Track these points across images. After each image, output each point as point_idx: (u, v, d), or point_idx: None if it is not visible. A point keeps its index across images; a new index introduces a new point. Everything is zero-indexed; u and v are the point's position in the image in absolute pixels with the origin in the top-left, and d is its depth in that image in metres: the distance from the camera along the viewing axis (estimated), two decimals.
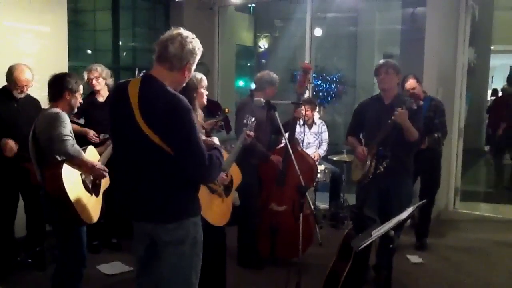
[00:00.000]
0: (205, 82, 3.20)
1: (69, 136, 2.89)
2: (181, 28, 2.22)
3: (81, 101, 3.20)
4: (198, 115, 3.12)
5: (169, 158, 2.08)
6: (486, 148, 12.29)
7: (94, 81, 4.38)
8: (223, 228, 3.34)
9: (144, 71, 3.18)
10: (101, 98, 4.47)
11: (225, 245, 3.47)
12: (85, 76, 4.38)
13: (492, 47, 12.11)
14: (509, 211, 6.47)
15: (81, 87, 3.14)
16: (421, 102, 3.67)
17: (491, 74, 13.25)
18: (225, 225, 3.29)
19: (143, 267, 2.36)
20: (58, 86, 3.04)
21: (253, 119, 3.45)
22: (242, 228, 4.28)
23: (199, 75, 3.16)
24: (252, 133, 3.45)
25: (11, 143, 3.71)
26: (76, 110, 3.21)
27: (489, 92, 12.94)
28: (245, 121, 3.44)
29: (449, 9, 5.75)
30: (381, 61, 3.78)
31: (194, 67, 2.27)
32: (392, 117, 3.45)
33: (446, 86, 5.73)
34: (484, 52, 11.39)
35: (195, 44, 2.21)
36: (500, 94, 12.02)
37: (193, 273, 2.27)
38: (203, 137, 2.46)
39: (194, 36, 2.22)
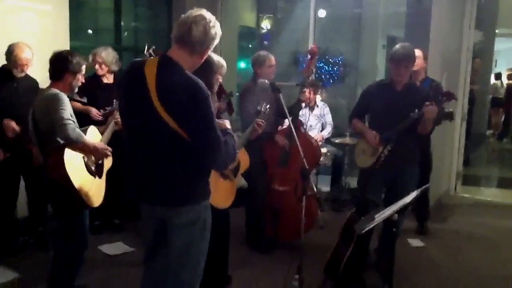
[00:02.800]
0: (224, 69, 3.19)
1: (70, 120, 2.84)
2: (203, 10, 2.14)
3: (83, 81, 3.14)
4: (214, 98, 3.11)
5: (184, 142, 2.05)
6: (488, 132, 12.29)
7: (96, 66, 4.38)
8: (227, 211, 3.35)
9: (154, 47, 3.14)
10: (105, 80, 4.46)
11: (228, 227, 3.49)
12: (90, 58, 4.36)
13: (497, 31, 11.98)
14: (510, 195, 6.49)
15: (83, 67, 3.08)
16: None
17: (495, 57, 13.13)
18: (231, 207, 3.30)
19: (151, 250, 2.37)
20: (59, 65, 2.99)
21: (268, 106, 3.43)
22: (249, 210, 4.31)
23: (222, 62, 3.16)
24: (263, 122, 3.44)
25: (13, 124, 3.69)
26: (76, 90, 3.16)
27: (492, 76, 12.85)
28: (259, 107, 3.44)
29: None
30: (400, 49, 3.56)
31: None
32: (424, 112, 3.39)
33: (450, 70, 5.68)
34: (489, 36, 11.28)
35: (217, 29, 2.15)
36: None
37: (201, 256, 2.28)
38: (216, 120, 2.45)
39: (215, 19, 2.16)
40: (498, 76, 12.82)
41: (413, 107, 3.44)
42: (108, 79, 4.48)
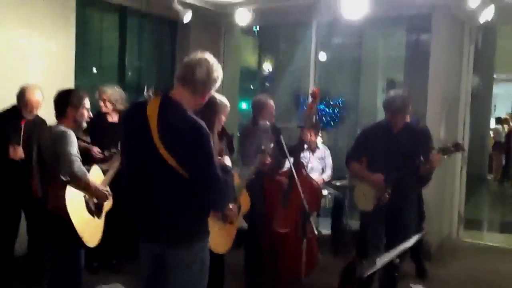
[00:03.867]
0: (228, 109, 3.21)
1: (77, 156, 2.85)
2: (207, 53, 2.22)
3: (91, 115, 3.16)
4: (214, 137, 3.12)
5: (184, 181, 2.07)
6: (489, 176, 12.28)
7: (101, 103, 4.41)
8: (222, 255, 3.30)
9: (153, 88, 3.18)
10: (109, 118, 4.48)
11: (222, 269, 3.43)
12: (96, 95, 4.41)
13: (494, 76, 12.18)
14: None
15: (86, 100, 3.10)
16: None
17: (494, 102, 13.28)
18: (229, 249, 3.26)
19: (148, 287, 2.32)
20: (60, 102, 3.04)
21: (271, 145, 3.44)
22: (248, 251, 4.25)
23: (226, 102, 3.18)
24: (269, 160, 3.46)
25: (20, 150, 3.75)
26: (84, 125, 3.16)
27: (493, 120, 12.96)
28: (263, 147, 3.46)
29: (453, 36, 5.80)
30: (396, 99, 3.59)
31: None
32: (430, 163, 3.42)
33: (449, 113, 5.73)
34: (487, 80, 11.45)
35: (219, 73, 2.22)
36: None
37: None
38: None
39: (218, 63, 2.23)
40: (499, 121, 12.93)
41: (413, 147, 3.47)
42: (113, 118, 4.50)
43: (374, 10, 5.08)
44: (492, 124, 12.93)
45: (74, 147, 2.87)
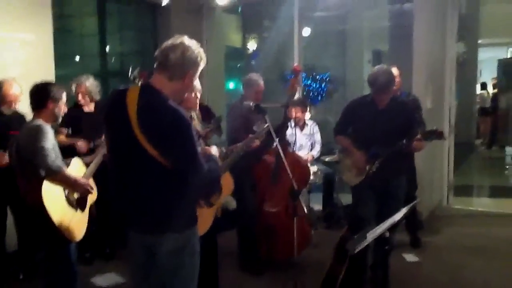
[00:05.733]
0: (196, 87, 3.11)
1: (51, 150, 2.82)
2: (185, 36, 2.15)
3: (66, 110, 3.13)
4: (195, 120, 3.09)
5: (168, 171, 2.04)
6: (478, 141, 12.39)
7: (80, 96, 4.35)
8: (214, 235, 3.31)
9: (138, 69, 3.12)
10: (86, 109, 4.44)
11: (216, 252, 3.44)
12: (73, 88, 4.34)
13: (479, 41, 12.17)
14: (503, 205, 6.50)
15: (64, 95, 3.07)
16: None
17: (479, 67, 13.31)
18: (222, 230, 3.26)
19: (140, 278, 2.32)
20: (40, 95, 2.98)
21: (266, 125, 3.42)
22: (241, 232, 4.27)
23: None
24: (258, 143, 3.44)
25: (5, 156, 3.65)
26: (60, 119, 3.14)
27: (478, 86, 13.01)
28: (254, 127, 3.43)
29: (436, 4, 5.76)
30: (380, 76, 3.50)
31: (196, 77, 2.21)
32: (412, 149, 3.48)
33: (435, 81, 5.74)
34: (472, 46, 11.45)
35: (198, 53, 2.14)
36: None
37: (192, 283, 2.26)
38: (202, 146, 2.43)
39: (198, 45, 2.16)
40: (484, 86, 12.99)
41: (398, 123, 3.46)
42: (90, 107, 4.46)
43: None
44: (478, 90, 12.99)
45: (48, 142, 2.83)
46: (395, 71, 4.28)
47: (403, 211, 2.66)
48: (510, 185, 8.44)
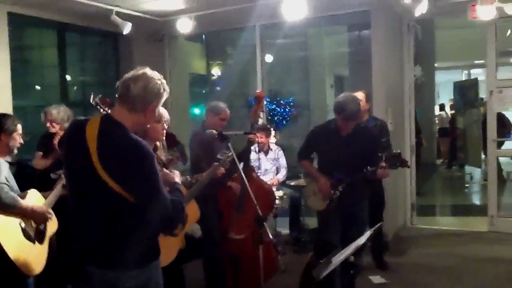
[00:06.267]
0: (165, 119, 3.06)
1: (3, 183, 2.73)
2: (147, 68, 2.10)
3: (22, 141, 3.06)
4: (160, 149, 3.06)
5: (129, 204, 1.98)
6: (438, 161, 12.72)
7: (48, 124, 4.27)
8: (180, 267, 3.25)
9: (100, 96, 3.07)
10: (57, 139, 4.33)
11: (182, 283, 3.38)
12: (42, 117, 4.26)
13: (436, 64, 12.63)
14: (465, 223, 6.66)
15: (19, 126, 3.02)
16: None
17: (437, 90, 13.79)
18: (188, 260, 3.20)
19: None
20: None
21: (230, 153, 3.41)
22: (207, 262, 4.19)
23: (162, 111, 2.99)
24: (223, 170, 3.42)
25: None
26: (16, 151, 3.06)
27: (437, 107, 13.44)
28: (219, 156, 3.41)
29: (392, 30, 5.98)
30: (349, 104, 3.48)
31: (158, 109, 2.17)
32: (377, 176, 3.51)
33: (395, 105, 5.90)
34: (430, 70, 11.86)
35: (161, 85, 2.09)
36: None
37: None
38: (164, 170, 2.39)
39: (161, 77, 2.12)
40: (442, 107, 13.43)
41: (360, 150, 3.52)
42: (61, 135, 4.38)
43: (314, 10, 5.15)
44: (437, 111, 13.41)
45: (1, 175, 2.75)
46: (361, 95, 4.40)
47: (368, 234, 2.68)
48: (471, 203, 8.67)
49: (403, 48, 6.30)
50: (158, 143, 3.20)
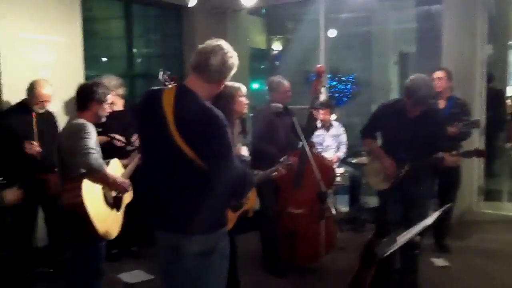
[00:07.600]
0: (243, 90, 3.17)
1: (94, 148, 2.78)
2: (221, 40, 2.18)
3: (110, 110, 3.13)
4: (235, 126, 3.12)
5: (201, 171, 2.04)
6: (508, 145, 12.08)
7: None
8: (233, 237, 3.30)
9: (169, 72, 3.13)
10: (115, 107, 4.47)
11: (234, 252, 3.42)
12: None
13: (509, 43, 11.88)
14: None
15: (108, 96, 3.06)
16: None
17: (509, 70, 13.00)
18: (247, 231, 3.25)
19: (166, 279, 2.30)
20: (84, 96, 2.99)
21: (290, 161, 3.47)
22: (262, 233, 4.24)
23: (237, 84, 3.14)
24: (284, 171, 3.43)
25: (35, 144, 3.76)
26: (104, 119, 3.10)
27: (509, 88, 12.69)
28: (281, 159, 3.44)
29: (465, 6, 5.64)
30: (422, 88, 3.34)
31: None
32: (445, 163, 3.43)
33: (465, 84, 5.61)
34: (503, 48, 11.19)
35: (234, 60, 2.19)
36: None
37: (220, 285, 2.24)
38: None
39: (232, 50, 2.19)
40: None
41: (427, 135, 3.40)
42: (118, 105, 4.52)
43: None
44: (509, 92, 12.66)
45: (91, 140, 2.80)
46: (441, 74, 4.23)
47: (436, 214, 2.60)
48: None
49: (476, 25, 5.94)
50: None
